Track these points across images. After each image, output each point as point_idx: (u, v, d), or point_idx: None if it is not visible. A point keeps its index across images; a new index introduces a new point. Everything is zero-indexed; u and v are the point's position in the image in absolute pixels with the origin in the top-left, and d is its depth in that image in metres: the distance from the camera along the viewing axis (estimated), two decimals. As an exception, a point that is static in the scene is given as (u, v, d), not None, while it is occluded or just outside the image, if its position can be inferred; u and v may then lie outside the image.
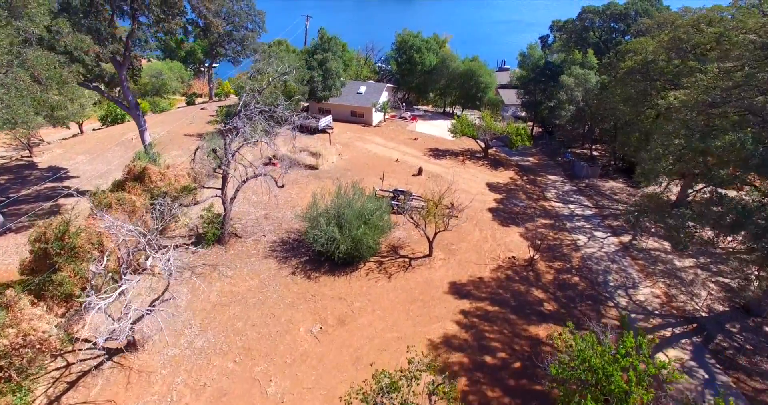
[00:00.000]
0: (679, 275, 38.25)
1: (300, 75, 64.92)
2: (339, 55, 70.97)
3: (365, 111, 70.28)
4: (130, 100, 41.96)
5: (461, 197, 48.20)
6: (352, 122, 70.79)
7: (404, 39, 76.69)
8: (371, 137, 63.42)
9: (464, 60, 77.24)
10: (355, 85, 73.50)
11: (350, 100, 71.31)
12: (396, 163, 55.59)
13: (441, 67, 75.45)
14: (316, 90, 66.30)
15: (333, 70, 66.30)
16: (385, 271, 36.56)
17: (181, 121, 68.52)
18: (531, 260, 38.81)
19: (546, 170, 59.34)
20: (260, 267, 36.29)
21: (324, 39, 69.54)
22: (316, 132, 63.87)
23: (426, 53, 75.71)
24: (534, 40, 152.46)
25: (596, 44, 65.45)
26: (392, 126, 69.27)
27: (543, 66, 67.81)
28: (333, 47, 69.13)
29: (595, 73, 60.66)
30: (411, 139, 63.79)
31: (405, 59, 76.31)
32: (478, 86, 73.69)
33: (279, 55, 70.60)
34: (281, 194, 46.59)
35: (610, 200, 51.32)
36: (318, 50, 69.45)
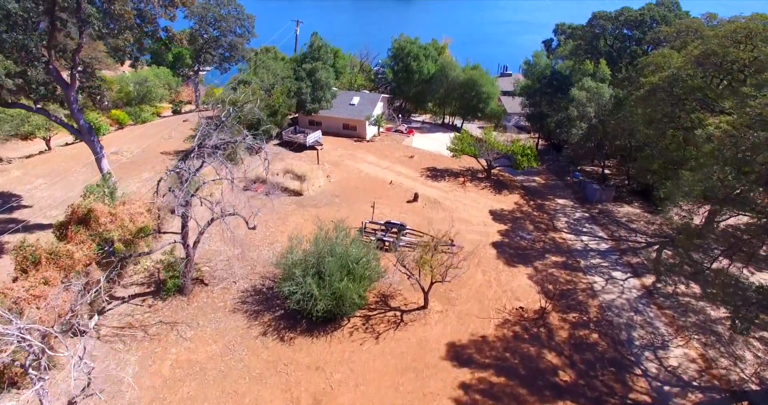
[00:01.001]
0: (715, 330, 32.51)
1: (287, 86, 59.09)
2: (330, 64, 65.04)
3: (358, 124, 64.39)
4: (81, 124, 36.16)
5: (461, 229, 42.45)
6: (344, 135, 64.93)
7: (401, 45, 70.69)
8: (364, 155, 57.57)
9: (465, 68, 71.23)
10: (347, 95, 67.58)
11: (342, 111, 65.39)
12: (389, 187, 49.79)
13: (440, 76, 69.47)
14: (305, 102, 60.42)
15: (323, 80, 60.36)
16: (373, 329, 30.86)
17: (160, 135, 62.70)
18: (542, 312, 33.08)
19: (554, 192, 53.48)
20: (226, 325, 30.59)
21: (314, 47, 63.59)
22: (304, 148, 58.03)
23: (424, 61, 69.72)
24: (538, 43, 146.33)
25: (608, 53, 59.37)
26: (387, 140, 63.39)
27: (550, 76, 61.82)
28: (323, 55, 63.17)
29: (608, 85, 54.70)
30: (407, 156, 57.92)
31: (401, 67, 70.31)
32: (479, 96, 67.74)
33: (266, 63, 64.84)
34: (259, 227, 40.85)
35: (627, 230, 45.48)
36: (307, 59, 63.52)
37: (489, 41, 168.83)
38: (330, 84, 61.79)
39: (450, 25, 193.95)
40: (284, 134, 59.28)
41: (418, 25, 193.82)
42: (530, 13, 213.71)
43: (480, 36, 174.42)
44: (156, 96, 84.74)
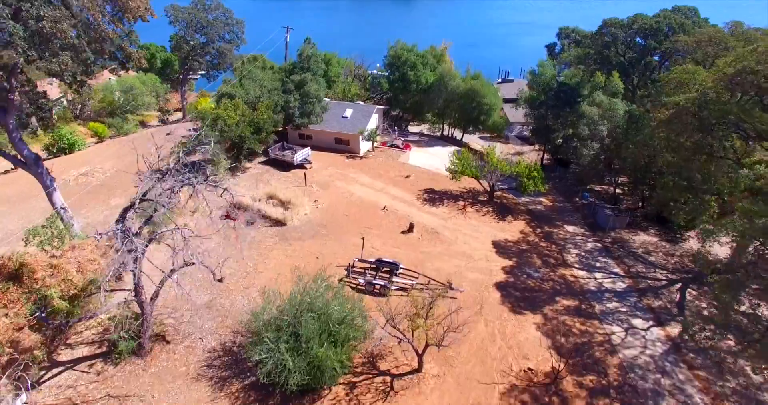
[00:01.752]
0: (762, 400, 27.62)
1: (273, 100, 54.07)
2: (321, 74, 59.96)
3: (351, 138, 59.39)
4: (26, 154, 31.23)
5: (461, 267, 37.62)
6: (336, 151, 59.94)
7: (397, 54, 65.57)
8: (356, 174, 52.58)
9: (465, 77, 66.14)
10: (340, 107, 62.52)
11: (334, 125, 60.39)
12: (383, 214, 44.85)
13: (439, 86, 64.37)
14: (293, 117, 55.40)
15: (312, 93, 55.32)
16: (358, 400, 26.00)
17: (141, 150, 57.48)
18: (554, 375, 28.20)
19: (562, 217, 48.51)
20: (186, 398, 25.74)
21: (303, 56, 58.49)
22: (292, 167, 53.03)
23: (422, 70, 64.61)
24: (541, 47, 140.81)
25: (620, 64, 54.17)
26: (382, 157, 58.35)
27: (556, 88, 56.71)
28: (314, 66, 58.09)
29: (621, 98, 49.63)
30: (402, 176, 52.90)
31: (397, 77, 65.20)
32: (480, 108, 62.67)
33: (253, 73, 59.81)
34: (236, 267, 36.02)
35: (644, 263, 40.55)
36: (296, 69, 58.47)
37: (489, 43, 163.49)
38: (320, 97, 56.74)
39: (450, 26, 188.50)
40: (271, 151, 54.30)
41: (417, 26, 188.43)
42: (531, 14, 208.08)
43: (480, 38, 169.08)
44: (142, 104, 79.92)
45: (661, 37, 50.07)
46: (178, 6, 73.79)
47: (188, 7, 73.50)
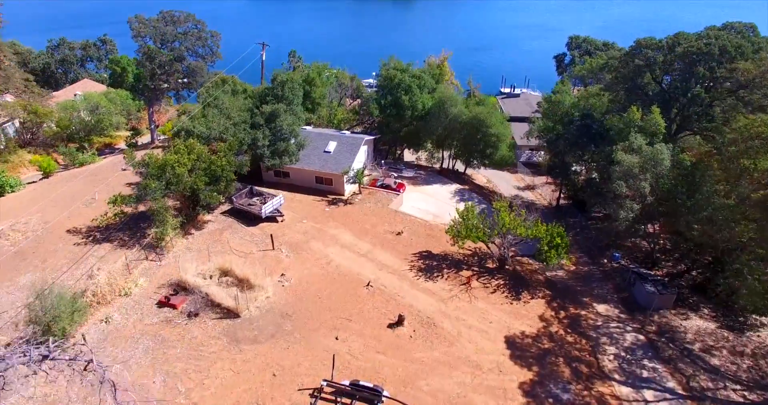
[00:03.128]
0: None
1: (238, 137, 43.46)
2: (299, 101, 49.14)
3: (335, 178, 48.86)
4: None
5: (466, 385, 27.40)
6: (316, 192, 49.41)
7: (389, 75, 54.68)
8: (337, 230, 42.03)
9: (468, 102, 55.48)
10: (322, 138, 51.84)
11: (314, 161, 49.80)
12: (366, 293, 34.42)
13: (438, 112, 53.63)
14: (262, 157, 44.77)
15: (286, 128, 44.63)
16: None
17: (84, 194, 47.09)
18: None
19: (590, 288, 38.06)
20: None
21: (277, 82, 47.66)
22: (260, 220, 42.55)
23: (417, 93, 53.78)
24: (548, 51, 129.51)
25: (659, 95, 43.11)
26: (370, 202, 47.69)
27: (579, 121, 45.95)
28: (288, 93, 47.28)
29: (662, 138, 38.87)
30: (393, 233, 42.28)
31: (390, 101, 54.37)
32: (487, 140, 51.96)
33: (219, 100, 49.23)
34: (157, 390, 25.81)
35: (707, 370, 30.11)
36: (269, 97, 47.70)
37: (493, 47, 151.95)
38: (296, 132, 46.03)
39: (451, 29, 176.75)
40: (236, 200, 43.72)
41: (417, 29, 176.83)
42: (537, 16, 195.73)
43: (483, 41, 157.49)
44: (109, 125, 69.22)
45: (712, 64, 39.21)
46: (143, 18, 62.85)
47: (154, 19, 62.63)
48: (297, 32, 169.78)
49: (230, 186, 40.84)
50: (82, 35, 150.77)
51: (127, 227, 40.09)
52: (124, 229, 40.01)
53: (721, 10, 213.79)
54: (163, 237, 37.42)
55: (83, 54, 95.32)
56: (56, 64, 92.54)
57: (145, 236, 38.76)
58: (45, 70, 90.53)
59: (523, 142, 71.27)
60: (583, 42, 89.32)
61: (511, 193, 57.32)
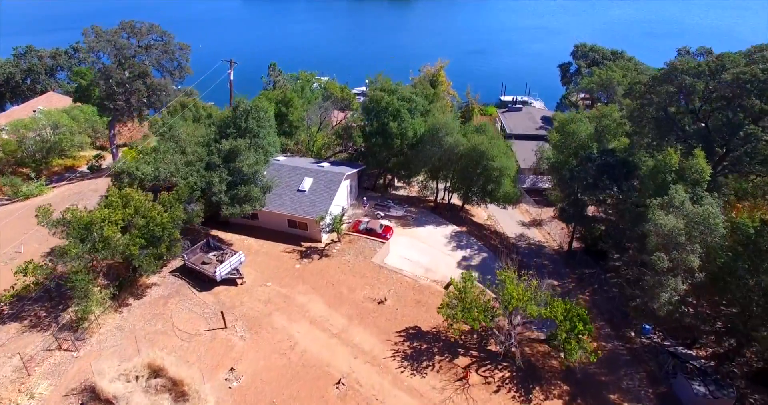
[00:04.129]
0: None
1: (190, 181, 35.11)
2: (266, 133, 40.61)
3: (309, 222, 40.61)
4: None
5: None
6: (288, 238, 41.18)
7: (375, 97, 46.18)
8: (306, 297, 33.79)
9: (466, 129, 46.96)
10: (296, 173, 43.53)
11: (286, 202, 41.51)
12: (335, 397, 26.26)
13: (431, 140, 45.22)
14: (219, 204, 36.40)
15: (247, 171, 36.18)
16: None
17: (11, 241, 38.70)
18: None
19: (617, 377, 29.92)
20: None
21: (239, 111, 39.11)
22: (215, 283, 34.32)
23: (408, 119, 45.33)
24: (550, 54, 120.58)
25: (699, 133, 34.36)
26: (350, 253, 39.35)
27: (598, 159, 37.58)
28: (253, 126, 38.72)
29: (705, 187, 30.59)
30: (375, 301, 34.00)
31: (376, 128, 45.91)
32: (488, 174, 43.55)
33: (175, 129, 40.97)
34: None
35: None
36: (229, 130, 39.18)
37: (491, 51, 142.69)
38: (260, 173, 37.56)
39: (449, 31, 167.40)
40: (187, 257, 35.41)
41: (415, 32, 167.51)
42: (535, 18, 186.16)
43: (481, 44, 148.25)
44: (70, 146, 60.73)
45: (767, 93, 30.86)
46: (100, 29, 54.30)
47: (112, 31, 54.07)
48: (290, 35, 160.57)
49: (174, 248, 32.50)
50: (68, 38, 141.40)
51: (47, 296, 31.86)
52: (43, 298, 31.81)
53: (723, 11, 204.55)
54: (85, 316, 29.26)
55: (53, 63, 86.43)
56: (22, 75, 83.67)
57: (68, 310, 30.61)
58: (9, 81, 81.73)
59: (528, 164, 63.33)
60: (589, 51, 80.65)
61: (514, 230, 49.04)
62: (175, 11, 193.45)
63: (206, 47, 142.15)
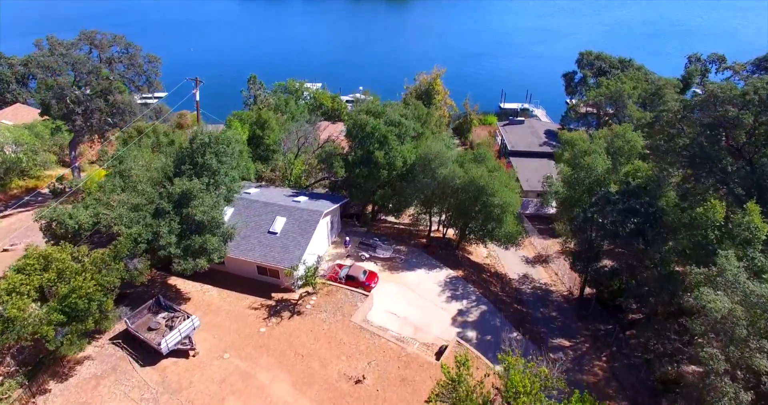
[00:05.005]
0: None
1: (133, 232, 28.63)
2: (231, 167, 33.98)
3: (281, 270, 34.19)
4: None
5: None
6: (257, 287, 34.86)
7: (359, 122, 39.52)
8: (269, 375, 27.42)
9: (463, 158, 40.30)
10: (268, 210, 37.09)
11: (255, 247, 35.10)
12: None
13: (422, 170, 38.67)
14: (169, 258, 29.91)
15: (202, 218, 29.66)
16: None
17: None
18: None
19: None
20: None
21: (197, 143, 32.48)
22: (159, 356, 27.94)
23: (396, 147, 38.76)
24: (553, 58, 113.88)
25: (744, 176, 27.74)
26: (326, 310, 32.91)
27: (620, 201, 31.01)
28: (211, 161, 32.11)
29: (760, 248, 24.14)
30: (352, 379, 27.64)
31: (359, 157, 39.37)
32: (488, 211, 37.00)
33: (129, 162, 34.59)
34: None
35: None
36: (185, 165, 32.60)
37: (490, 54, 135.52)
38: (218, 220, 30.98)
39: (448, 33, 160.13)
40: (130, 322, 29.00)
41: (413, 34, 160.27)
42: (535, 20, 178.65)
43: (480, 47, 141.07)
44: (32, 165, 54.16)
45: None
46: (56, 40, 47.76)
47: (68, 43, 47.50)
48: (284, 38, 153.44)
49: (106, 321, 26.11)
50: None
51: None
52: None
53: (726, 12, 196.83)
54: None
55: (25, 71, 79.55)
56: (-10, 83, 77.02)
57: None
58: (-27, 91, 75.15)
59: (531, 186, 56.82)
60: (595, 59, 73.71)
61: (517, 270, 42.58)
62: (173, 12, 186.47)
63: (197, 51, 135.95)
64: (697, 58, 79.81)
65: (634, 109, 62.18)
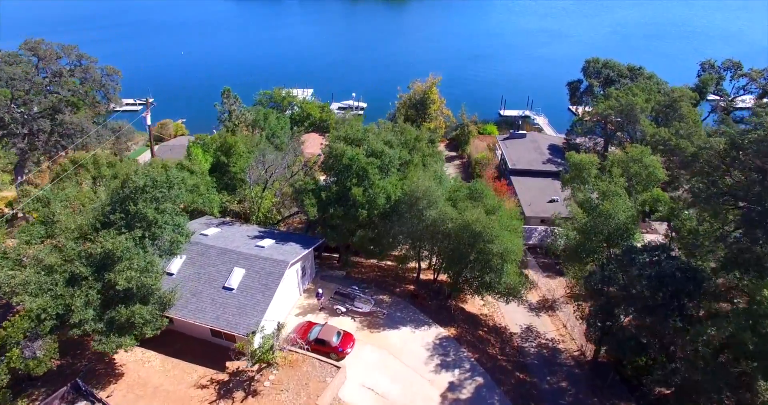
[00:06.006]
0: None
1: (32, 307, 22.17)
2: (171, 216, 27.33)
3: (238, 335, 27.79)
4: None
5: None
6: (211, 351, 28.52)
7: (335, 151, 32.83)
8: None
9: (456, 195, 33.64)
10: (225, 259, 30.60)
11: (206, 306, 28.65)
12: None
13: (410, 207, 32.08)
14: (88, 334, 23.45)
15: (128, 285, 23.13)
16: None
17: None
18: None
19: None
20: None
21: (129, 188, 25.84)
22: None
23: (378, 182, 32.20)
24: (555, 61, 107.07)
25: None
26: (289, 385, 26.48)
27: (651, 259, 24.42)
28: (147, 210, 25.49)
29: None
30: None
31: (334, 193, 32.78)
32: (485, 260, 30.45)
33: (56, 204, 28.14)
34: None
35: None
36: (115, 214, 25.99)
37: (490, 56, 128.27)
38: (150, 286, 24.41)
39: (445, 35, 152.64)
40: (35, 417, 22.74)
41: (411, 35, 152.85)
42: (537, 21, 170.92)
43: (479, 49, 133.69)
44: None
45: None
46: (-2, 52, 41.21)
47: (3, 54, 40.92)
48: (279, 41, 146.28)
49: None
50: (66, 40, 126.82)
51: None
52: None
53: (729, 12, 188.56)
54: None
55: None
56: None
57: None
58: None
59: (535, 211, 50.22)
60: (602, 67, 66.69)
61: (520, 320, 36.03)
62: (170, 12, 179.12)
63: (188, 54, 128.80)
64: (710, 65, 72.60)
65: (647, 123, 55.47)
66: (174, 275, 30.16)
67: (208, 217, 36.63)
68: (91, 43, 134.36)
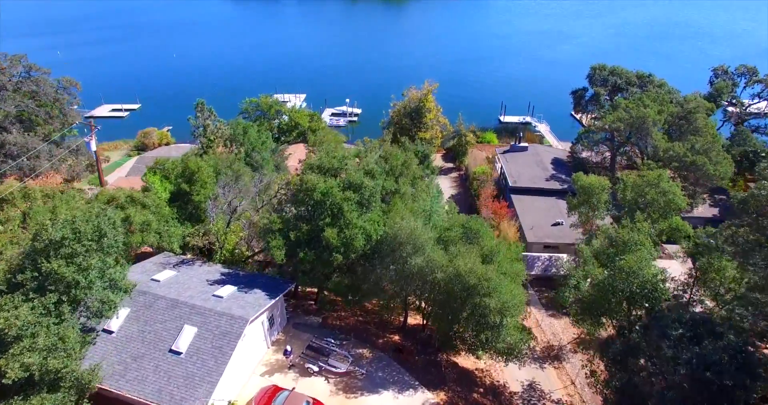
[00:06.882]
0: None
1: None
2: (103, 270, 22.11)
3: (184, 411, 22.64)
4: None
5: None
6: (156, 429, 23.40)
7: (307, 184, 27.48)
8: None
9: (449, 235, 28.23)
10: (173, 316, 25.38)
11: (147, 374, 23.46)
12: None
13: (392, 251, 26.76)
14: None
15: (23, 375, 17.94)
16: None
17: None
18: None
19: None
20: None
21: (44, 241, 20.58)
22: None
23: (356, 221, 26.88)
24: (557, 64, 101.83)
25: None
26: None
27: (684, 338, 19.09)
28: (66, 272, 20.16)
29: None
30: None
31: (305, 234, 27.46)
32: (482, 314, 25.17)
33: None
34: None
35: None
36: (24, 274, 20.71)
37: (491, 58, 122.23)
38: (61, 368, 19.19)
39: (444, 36, 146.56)
40: None
41: (409, 37, 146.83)
42: (538, 22, 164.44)
43: (479, 52, 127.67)
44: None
45: None
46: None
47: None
48: (275, 42, 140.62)
49: None
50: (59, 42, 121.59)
51: None
52: None
53: (733, 13, 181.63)
54: None
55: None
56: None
57: None
58: None
59: (538, 236, 44.79)
60: (609, 74, 60.93)
61: (521, 376, 30.70)
62: (162, 13, 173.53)
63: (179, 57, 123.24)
64: (723, 71, 66.78)
65: (660, 137, 50.00)
66: (114, 334, 24.98)
67: (166, 254, 31.42)
68: (82, 45, 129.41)
